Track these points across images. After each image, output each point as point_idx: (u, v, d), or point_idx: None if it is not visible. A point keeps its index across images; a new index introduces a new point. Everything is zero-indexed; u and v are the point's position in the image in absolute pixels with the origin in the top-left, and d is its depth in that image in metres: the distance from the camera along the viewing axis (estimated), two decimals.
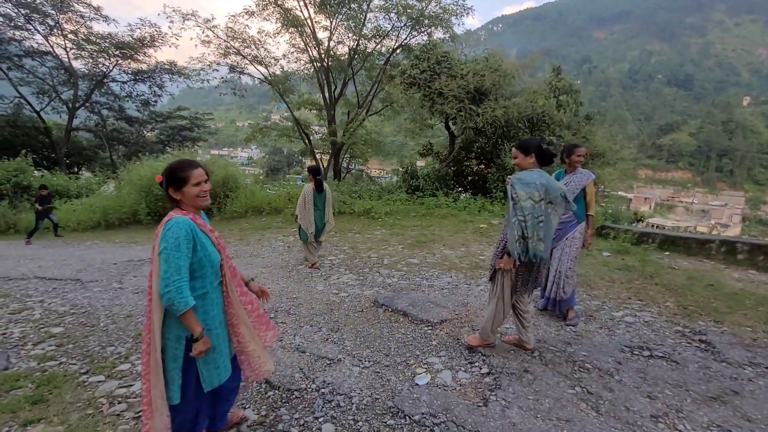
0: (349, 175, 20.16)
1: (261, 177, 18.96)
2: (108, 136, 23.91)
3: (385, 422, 2.33)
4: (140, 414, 2.33)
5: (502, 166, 10.64)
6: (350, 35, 17.62)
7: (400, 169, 13.18)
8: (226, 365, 1.91)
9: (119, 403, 2.51)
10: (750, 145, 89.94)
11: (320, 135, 20.37)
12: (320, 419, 2.36)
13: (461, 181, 12.86)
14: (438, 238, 6.95)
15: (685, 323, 3.64)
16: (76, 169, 22.59)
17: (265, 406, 2.47)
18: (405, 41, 17.34)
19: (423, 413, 2.38)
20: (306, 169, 6.41)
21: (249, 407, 2.46)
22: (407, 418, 2.36)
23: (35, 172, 15.53)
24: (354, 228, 8.24)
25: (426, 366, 2.94)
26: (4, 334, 3.57)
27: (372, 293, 4.51)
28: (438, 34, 16.92)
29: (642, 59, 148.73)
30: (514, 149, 2.84)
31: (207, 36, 16.86)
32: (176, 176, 1.77)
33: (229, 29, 16.87)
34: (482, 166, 12.93)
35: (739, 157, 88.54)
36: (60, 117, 22.86)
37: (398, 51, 17.79)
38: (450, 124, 12.19)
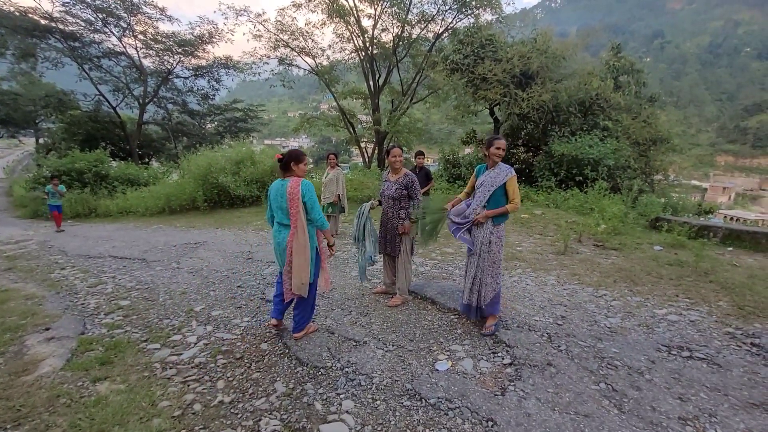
0: None
1: (310, 166, 19.63)
2: (173, 128, 26.05)
3: (402, 403, 2.44)
4: (186, 379, 2.67)
5: (549, 153, 10.10)
6: (394, 22, 17.50)
7: (444, 157, 12.99)
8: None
9: (170, 368, 2.85)
10: None
11: (365, 124, 20.58)
12: (341, 396, 2.52)
13: None
14: None
15: (738, 325, 3.35)
16: (146, 160, 24.88)
17: (293, 381, 2.69)
18: (451, 25, 16.90)
19: (439, 397, 2.46)
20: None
21: (279, 380, 2.69)
22: (423, 400, 2.45)
23: (112, 162, 17.31)
24: None
25: (448, 353, 3.01)
26: (82, 304, 4.15)
27: None
28: (486, 15, 16.30)
29: (726, 31, 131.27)
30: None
31: (258, 30, 17.63)
32: (299, 156, 3.05)
33: (278, 22, 17.48)
34: (530, 154, 12.40)
35: None
36: (133, 112, 25.24)
37: (444, 36, 17.37)
38: (495, 110, 11.79)
